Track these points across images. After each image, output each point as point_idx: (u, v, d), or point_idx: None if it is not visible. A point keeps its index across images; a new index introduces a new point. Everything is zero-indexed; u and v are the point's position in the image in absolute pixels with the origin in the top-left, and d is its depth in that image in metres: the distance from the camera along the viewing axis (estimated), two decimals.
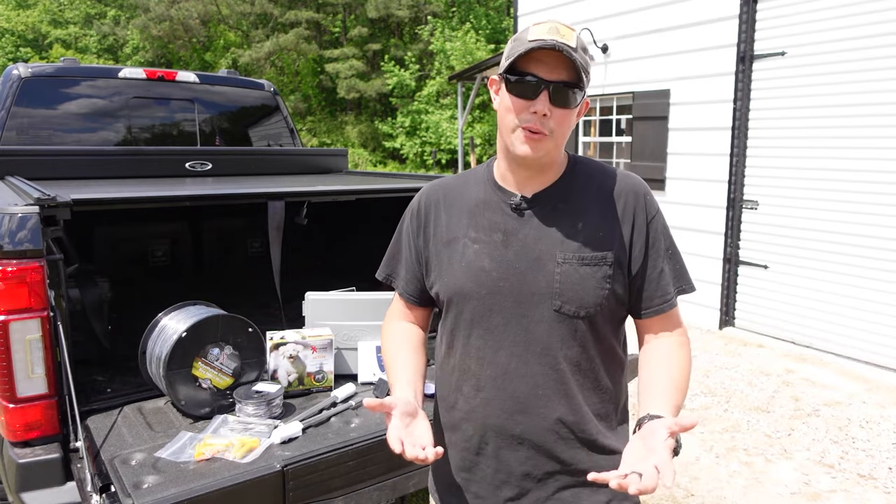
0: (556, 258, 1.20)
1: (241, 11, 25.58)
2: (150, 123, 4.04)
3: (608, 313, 1.23)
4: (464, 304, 1.26)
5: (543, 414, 1.22)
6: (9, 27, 29.95)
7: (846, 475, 3.33)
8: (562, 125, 1.17)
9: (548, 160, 1.22)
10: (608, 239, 1.21)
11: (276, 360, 2.16)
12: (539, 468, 1.25)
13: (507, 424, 1.24)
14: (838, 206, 4.85)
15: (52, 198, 1.85)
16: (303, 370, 2.19)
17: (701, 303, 5.76)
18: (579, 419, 1.24)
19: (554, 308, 1.19)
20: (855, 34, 4.64)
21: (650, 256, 1.24)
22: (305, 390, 2.19)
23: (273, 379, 2.15)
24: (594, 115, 7.00)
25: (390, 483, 1.89)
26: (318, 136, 24.28)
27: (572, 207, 1.23)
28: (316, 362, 2.20)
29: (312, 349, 2.18)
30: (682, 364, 1.25)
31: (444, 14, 23.41)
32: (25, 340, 1.78)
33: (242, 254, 4.06)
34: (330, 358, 2.22)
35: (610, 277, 1.20)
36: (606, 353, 1.26)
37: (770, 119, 5.26)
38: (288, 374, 2.17)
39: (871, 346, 4.73)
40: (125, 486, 1.56)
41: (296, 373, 2.18)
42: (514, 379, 1.22)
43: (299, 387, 2.18)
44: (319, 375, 2.21)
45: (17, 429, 1.81)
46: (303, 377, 2.18)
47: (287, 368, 2.17)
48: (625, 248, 1.22)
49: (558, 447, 1.23)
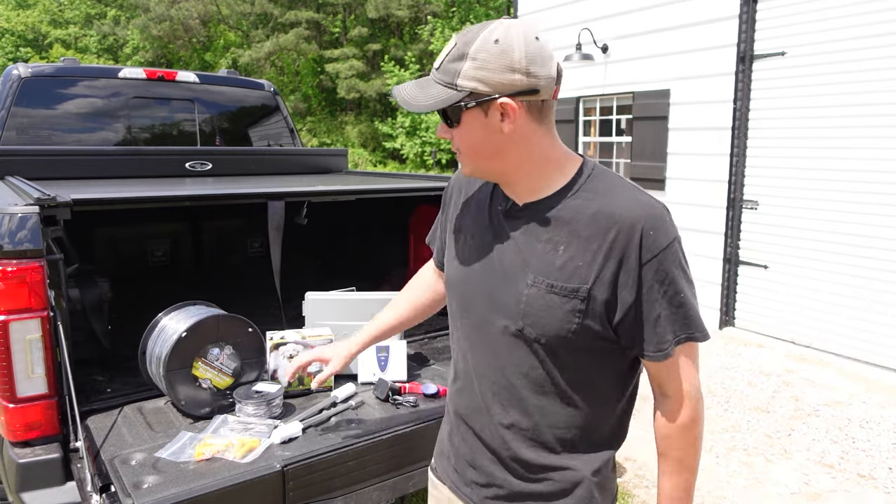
0: (527, 279, 1.13)
1: (241, 11, 25.59)
2: (150, 123, 4.05)
3: (583, 346, 1.13)
4: (454, 293, 1.30)
5: (499, 420, 1.23)
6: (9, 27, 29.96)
7: (846, 475, 3.33)
8: (463, 142, 1.13)
9: (493, 174, 1.18)
10: (586, 272, 1.09)
11: (276, 360, 2.15)
12: (489, 466, 1.26)
13: (470, 418, 1.30)
14: (838, 206, 4.85)
15: (52, 198, 1.85)
16: (302, 372, 2.16)
17: (701, 303, 5.69)
18: (531, 435, 1.20)
19: (517, 327, 1.15)
20: (855, 34, 4.65)
21: (643, 301, 1.09)
22: (305, 390, 2.17)
23: (273, 379, 2.14)
24: (594, 114, 7.00)
25: (390, 483, 1.89)
26: (318, 136, 24.28)
27: (558, 227, 1.12)
28: (316, 363, 2.18)
29: (311, 347, 2.16)
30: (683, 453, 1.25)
31: (444, 14, 23.41)
32: (25, 340, 1.78)
33: (242, 254, 4.06)
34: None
35: (581, 312, 1.09)
36: (578, 384, 1.17)
37: (770, 119, 5.26)
38: (287, 372, 2.14)
39: (871, 346, 4.73)
40: (125, 486, 1.56)
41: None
42: (478, 379, 1.25)
43: (299, 387, 2.16)
44: (321, 375, 2.17)
45: (17, 429, 1.81)
46: (303, 377, 2.15)
47: (287, 369, 2.15)
48: (606, 287, 1.09)
49: (506, 452, 1.23)
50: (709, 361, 4.96)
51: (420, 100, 1.10)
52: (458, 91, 1.07)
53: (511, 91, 1.06)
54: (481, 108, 1.08)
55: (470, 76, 1.06)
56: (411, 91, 1.12)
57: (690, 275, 1.15)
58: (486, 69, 1.05)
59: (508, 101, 1.06)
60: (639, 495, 3.17)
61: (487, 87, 1.05)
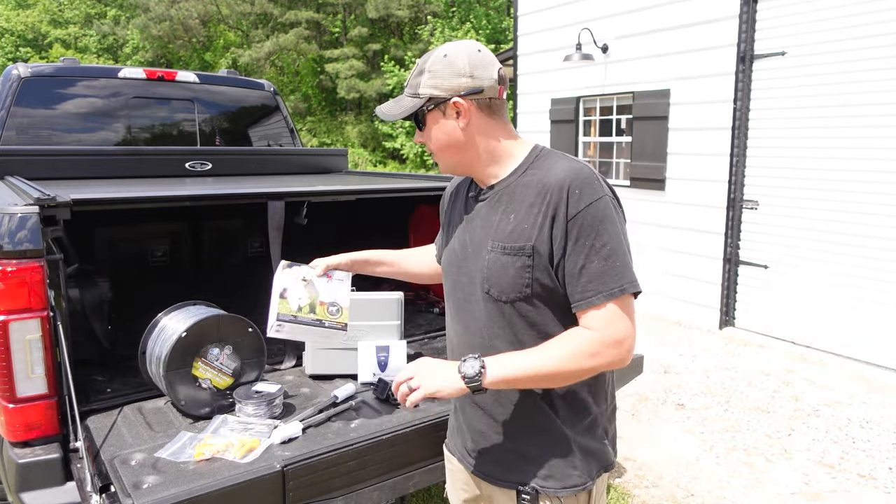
0: (488, 246, 1.34)
1: (241, 11, 25.59)
2: (149, 123, 4.04)
3: (540, 301, 1.30)
4: (446, 276, 1.51)
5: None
6: (8, 27, 29.96)
7: (846, 475, 3.33)
8: (431, 142, 1.39)
9: (461, 167, 1.42)
10: (529, 231, 1.28)
11: (286, 280, 1.84)
12: (490, 429, 1.44)
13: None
14: (838, 205, 4.85)
15: (52, 198, 1.85)
16: (315, 297, 1.85)
17: (701, 303, 5.76)
18: (515, 395, 1.38)
19: (484, 290, 1.35)
20: (855, 34, 4.65)
21: (571, 252, 1.25)
22: (317, 320, 1.84)
23: (281, 299, 1.81)
24: (594, 115, 7.00)
25: (390, 483, 1.89)
26: (318, 136, 24.28)
27: (511, 200, 1.34)
28: (330, 291, 1.87)
29: (328, 277, 1.88)
30: (563, 344, 1.26)
31: (444, 14, 23.41)
32: (25, 340, 1.78)
33: (242, 254, 4.06)
34: (346, 291, 1.89)
35: (529, 267, 1.28)
36: (542, 339, 1.31)
37: (770, 119, 5.26)
38: (299, 298, 1.82)
39: (871, 346, 4.73)
40: (125, 486, 1.56)
41: (308, 298, 1.83)
42: (466, 348, 1.41)
43: (310, 314, 1.84)
44: (334, 308, 1.86)
45: (17, 429, 1.81)
46: (315, 305, 1.85)
47: (299, 292, 1.84)
48: (546, 241, 1.27)
49: (500, 415, 1.41)
50: (708, 361, 4.96)
51: (394, 111, 1.39)
52: (420, 98, 1.34)
53: (460, 92, 1.32)
54: (439, 109, 1.34)
55: (427, 85, 1.33)
56: (388, 107, 1.42)
57: (623, 230, 1.30)
58: (438, 77, 1.32)
59: (460, 101, 1.32)
60: (639, 495, 3.17)
61: (441, 91, 1.32)
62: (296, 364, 2.51)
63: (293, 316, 1.78)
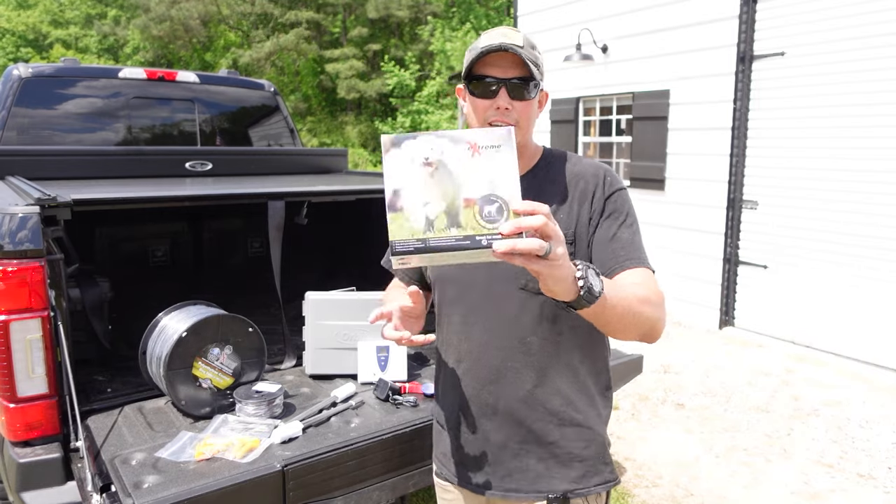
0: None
1: (241, 12, 25.59)
2: (150, 124, 4.05)
3: None
4: (445, 285, 1.41)
5: (514, 385, 1.32)
6: (9, 27, 29.96)
7: (845, 475, 3.33)
8: (524, 116, 1.28)
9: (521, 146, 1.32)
10: (567, 219, 1.29)
11: (399, 168, 0.96)
12: (512, 438, 1.34)
13: (481, 394, 1.35)
14: (838, 205, 4.86)
15: (53, 198, 1.86)
16: (455, 195, 0.94)
17: (701, 303, 5.76)
18: (549, 393, 1.32)
19: (519, 286, 1.28)
20: (854, 34, 4.65)
21: (603, 224, 1.29)
22: (464, 238, 0.92)
23: (394, 212, 0.94)
24: (594, 115, 7.00)
25: (390, 483, 1.89)
26: (319, 136, 24.28)
27: (540, 193, 1.29)
28: (483, 174, 0.95)
29: (473, 147, 0.96)
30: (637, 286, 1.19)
31: (444, 14, 23.41)
32: (26, 340, 1.79)
33: (243, 254, 4.06)
34: (511, 167, 0.95)
35: (572, 255, 1.24)
36: (579, 330, 1.31)
37: (770, 119, 5.27)
38: (426, 200, 0.95)
39: (870, 346, 4.73)
40: (125, 486, 1.56)
41: (441, 198, 0.95)
42: (488, 351, 1.33)
43: (451, 230, 0.93)
44: (491, 204, 0.93)
45: (18, 428, 1.82)
46: (456, 207, 0.94)
47: (423, 188, 0.95)
48: (584, 224, 1.29)
49: (529, 418, 1.33)
50: (708, 361, 4.96)
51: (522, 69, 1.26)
52: (540, 72, 1.28)
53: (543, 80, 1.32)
54: (540, 90, 1.32)
55: (540, 63, 1.29)
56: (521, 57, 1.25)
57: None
58: (540, 62, 1.30)
59: (545, 90, 1.34)
60: (638, 494, 3.18)
61: (542, 75, 1.30)
62: (296, 364, 2.51)
63: (420, 241, 0.93)
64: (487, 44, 1.23)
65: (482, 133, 0.96)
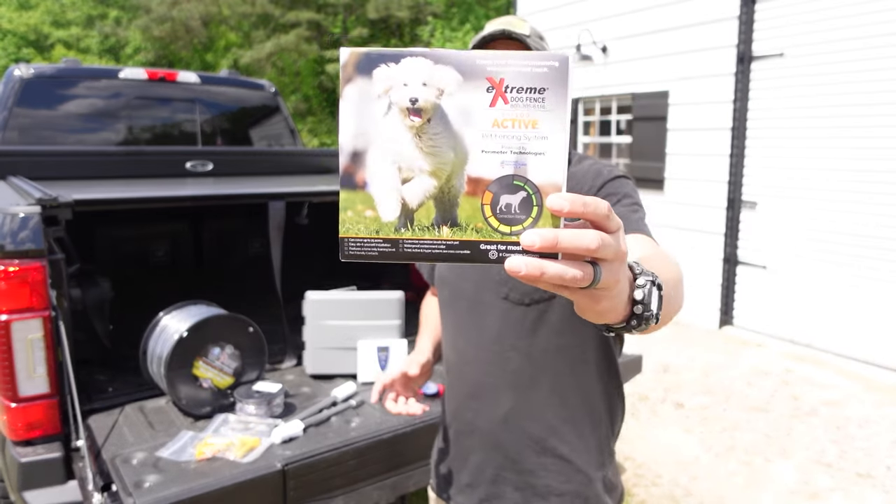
0: None
1: (241, 12, 25.59)
2: (151, 124, 4.05)
3: (561, 302, 1.14)
4: (442, 286, 1.33)
5: (493, 403, 1.23)
6: (11, 28, 29.97)
7: (844, 474, 3.34)
8: None
9: None
10: None
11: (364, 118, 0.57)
12: (490, 462, 1.24)
13: (462, 409, 1.28)
14: (837, 206, 4.86)
15: (54, 198, 1.87)
16: (454, 171, 0.57)
17: (700, 302, 5.77)
18: (529, 417, 1.21)
19: (501, 295, 1.19)
20: (853, 34, 4.65)
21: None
22: (462, 247, 0.56)
23: (351, 187, 0.57)
24: (594, 115, 7.01)
25: (390, 482, 1.90)
26: (319, 137, 24.28)
27: None
28: (507, 139, 0.56)
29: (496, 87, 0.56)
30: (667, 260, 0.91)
31: (445, 14, 23.42)
32: (27, 340, 1.80)
33: (243, 254, 4.07)
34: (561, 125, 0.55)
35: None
36: (569, 350, 1.19)
37: (768, 119, 5.27)
38: (404, 178, 0.58)
39: (869, 346, 4.73)
40: (126, 485, 1.57)
41: (433, 179, 0.57)
42: (469, 364, 1.26)
43: (440, 230, 0.57)
44: (515, 198, 0.56)
45: (19, 428, 1.82)
46: (455, 198, 0.57)
47: (403, 159, 0.57)
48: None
49: (506, 441, 1.22)
50: (708, 361, 4.97)
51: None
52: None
53: None
54: None
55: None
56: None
57: (642, 202, 1.18)
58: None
59: None
60: (638, 494, 3.18)
61: None
62: (296, 364, 2.52)
63: (389, 243, 0.58)
64: (490, 31, 1.16)
65: (516, 61, 0.55)
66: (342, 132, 0.58)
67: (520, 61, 0.55)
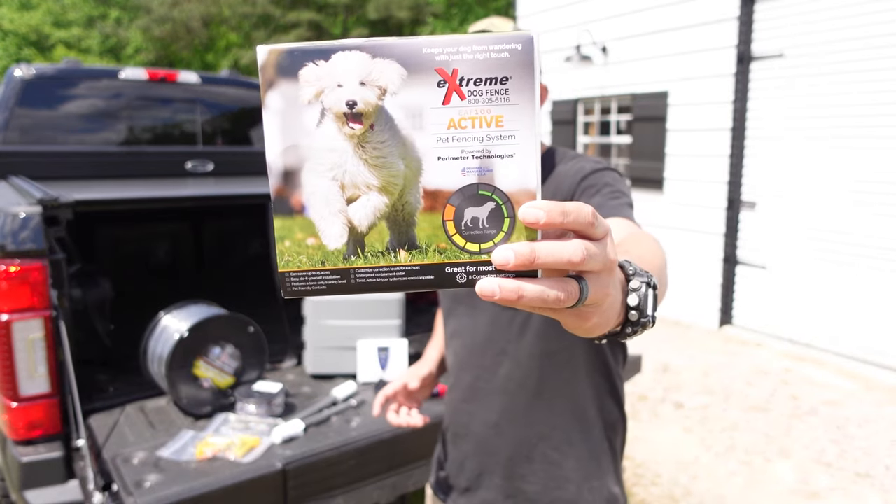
0: None
1: (242, 13, 25.61)
2: (152, 124, 4.06)
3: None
4: (444, 294, 1.34)
5: (486, 407, 1.23)
6: (12, 28, 29.99)
7: (844, 473, 3.34)
8: None
9: None
10: None
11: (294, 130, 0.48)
12: (484, 468, 1.24)
13: (458, 413, 1.29)
14: (837, 206, 4.86)
15: (55, 198, 1.87)
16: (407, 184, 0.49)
17: (700, 302, 5.77)
18: (518, 420, 1.19)
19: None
20: (853, 35, 4.66)
21: (585, 194, 1.11)
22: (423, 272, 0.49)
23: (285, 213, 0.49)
24: (594, 115, 7.01)
25: (390, 482, 1.90)
26: None
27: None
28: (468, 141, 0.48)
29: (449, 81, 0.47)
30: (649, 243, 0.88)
31: (445, 14, 23.42)
32: (28, 340, 1.80)
33: (243, 254, 4.07)
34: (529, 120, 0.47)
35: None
36: (555, 355, 1.16)
37: (768, 120, 5.28)
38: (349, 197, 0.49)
39: (869, 345, 4.74)
40: (127, 485, 1.58)
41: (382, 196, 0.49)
42: (464, 368, 1.26)
43: (396, 255, 0.49)
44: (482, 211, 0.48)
45: (20, 427, 1.83)
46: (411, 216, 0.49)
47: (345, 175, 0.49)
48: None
49: (497, 447, 1.21)
50: (707, 360, 4.97)
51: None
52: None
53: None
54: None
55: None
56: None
57: (630, 193, 1.14)
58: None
59: (544, 84, 1.21)
60: (637, 493, 3.18)
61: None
62: (296, 363, 2.52)
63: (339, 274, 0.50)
64: (471, 31, 1.13)
65: (470, 47, 0.47)
66: (268, 148, 0.48)
67: (475, 47, 0.46)
